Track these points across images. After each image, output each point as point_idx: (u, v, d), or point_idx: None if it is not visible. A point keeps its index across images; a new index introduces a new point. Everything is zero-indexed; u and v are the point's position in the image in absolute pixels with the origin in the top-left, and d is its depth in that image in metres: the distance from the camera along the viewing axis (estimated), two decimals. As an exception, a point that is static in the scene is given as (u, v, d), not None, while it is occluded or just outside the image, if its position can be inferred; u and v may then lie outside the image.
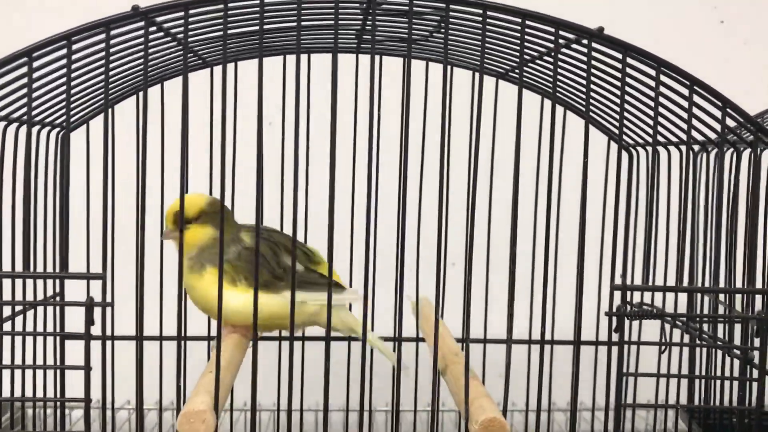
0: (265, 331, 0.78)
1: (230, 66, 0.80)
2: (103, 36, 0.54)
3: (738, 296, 0.76)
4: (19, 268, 0.68)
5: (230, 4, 0.53)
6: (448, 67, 0.55)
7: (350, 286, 0.83)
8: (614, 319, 0.59)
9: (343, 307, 0.77)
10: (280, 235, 0.77)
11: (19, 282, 0.67)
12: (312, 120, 0.82)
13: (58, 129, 0.74)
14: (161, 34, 0.60)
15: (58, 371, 0.70)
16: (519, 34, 0.57)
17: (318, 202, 0.77)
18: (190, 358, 0.66)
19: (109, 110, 0.61)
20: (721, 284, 0.72)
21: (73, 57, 0.55)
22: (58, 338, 0.75)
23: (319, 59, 0.81)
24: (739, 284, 0.74)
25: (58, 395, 0.67)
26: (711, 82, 0.59)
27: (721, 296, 0.76)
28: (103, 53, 0.57)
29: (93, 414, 0.67)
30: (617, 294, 0.59)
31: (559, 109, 0.81)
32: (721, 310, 0.76)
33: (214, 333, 0.83)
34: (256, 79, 0.78)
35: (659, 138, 0.72)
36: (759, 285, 0.76)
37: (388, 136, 0.79)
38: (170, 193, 0.80)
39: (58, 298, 0.75)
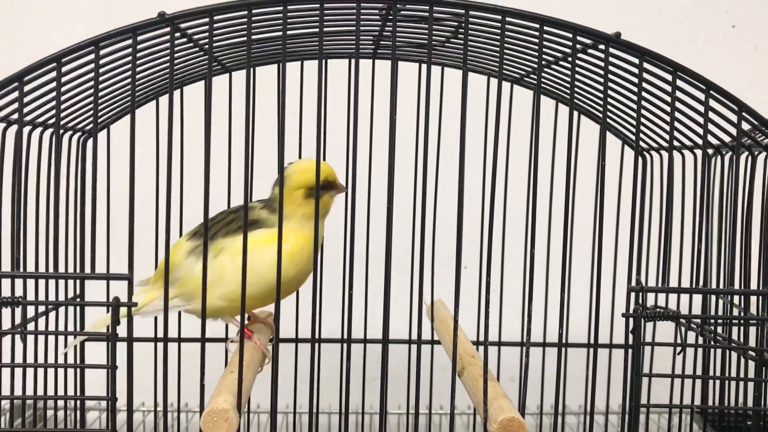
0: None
1: (244, 72, 0.80)
2: (128, 42, 0.55)
3: (753, 298, 0.77)
4: (41, 268, 0.69)
5: (254, 11, 0.54)
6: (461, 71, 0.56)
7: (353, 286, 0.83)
8: (631, 320, 0.60)
9: None
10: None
11: (28, 282, 0.66)
12: (328, 124, 0.83)
13: (79, 133, 0.75)
14: (184, 40, 0.61)
15: (79, 371, 0.70)
16: (536, 40, 0.57)
17: (335, 205, 0.78)
18: (194, 359, 0.66)
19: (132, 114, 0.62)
20: (736, 286, 0.73)
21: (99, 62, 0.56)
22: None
23: (331, 65, 0.81)
24: (753, 286, 0.75)
25: (78, 396, 0.68)
26: (722, 85, 0.59)
27: (736, 298, 0.77)
28: (126, 58, 0.59)
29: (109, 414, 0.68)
30: (631, 296, 0.60)
31: (574, 113, 0.81)
32: (735, 312, 0.76)
33: (230, 335, 0.84)
34: (268, 85, 0.79)
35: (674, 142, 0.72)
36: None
37: (401, 141, 0.79)
38: (189, 197, 0.81)
39: (79, 299, 0.75)
